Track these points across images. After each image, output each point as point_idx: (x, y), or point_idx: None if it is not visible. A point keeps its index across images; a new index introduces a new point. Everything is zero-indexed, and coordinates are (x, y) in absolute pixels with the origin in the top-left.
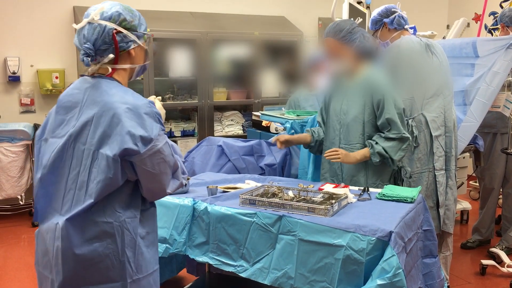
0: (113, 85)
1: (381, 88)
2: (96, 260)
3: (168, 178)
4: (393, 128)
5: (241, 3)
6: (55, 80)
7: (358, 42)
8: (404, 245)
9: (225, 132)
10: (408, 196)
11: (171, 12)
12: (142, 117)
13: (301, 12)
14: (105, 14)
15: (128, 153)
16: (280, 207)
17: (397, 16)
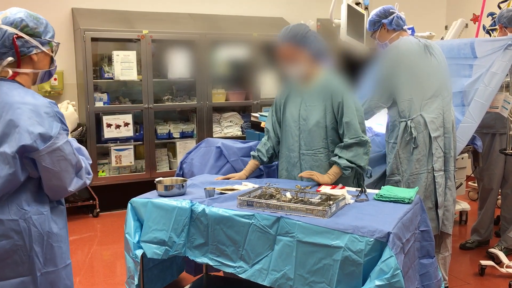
0: (14, 87)
1: (340, 91)
2: (4, 256)
3: (70, 177)
4: (351, 132)
5: (239, 5)
6: (54, 82)
7: (313, 45)
8: (402, 245)
9: (224, 133)
10: (405, 197)
11: (170, 14)
12: (41, 115)
13: (300, 14)
14: (7, 19)
15: (26, 149)
16: (278, 208)
17: (396, 16)
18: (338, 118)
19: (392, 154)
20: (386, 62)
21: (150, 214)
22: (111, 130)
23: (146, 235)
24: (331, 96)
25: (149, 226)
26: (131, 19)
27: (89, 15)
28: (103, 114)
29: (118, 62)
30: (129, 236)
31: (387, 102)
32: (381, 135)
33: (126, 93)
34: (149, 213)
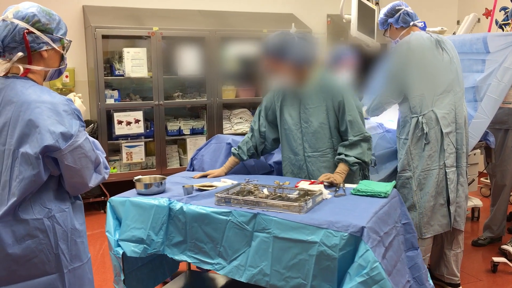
0: (28, 84)
1: (340, 90)
2: (31, 256)
3: (90, 173)
4: (354, 130)
5: (249, 1)
6: (65, 79)
7: (295, 53)
8: (381, 239)
9: (234, 130)
10: (381, 191)
11: (180, 11)
12: (60, 114)
13: (310, 9)
14: (19, 13)
15: (49, 149)
16: (255, 205)
17: (402, 13)
18: (339, 117)
19: (403, 150)
20: (397, 58)
21: (128, 213)
22: (122, 127)
23: (124, 234)
24: (331, 95)
25: (127, 224)
26: (142, 16)
27: (100, 13)
28: (114, 111)
29: (129, 59)
30: (110, 234)
31: (398, 98)
32: (392, 131)
33: (136, 90)
34: (127, 212)
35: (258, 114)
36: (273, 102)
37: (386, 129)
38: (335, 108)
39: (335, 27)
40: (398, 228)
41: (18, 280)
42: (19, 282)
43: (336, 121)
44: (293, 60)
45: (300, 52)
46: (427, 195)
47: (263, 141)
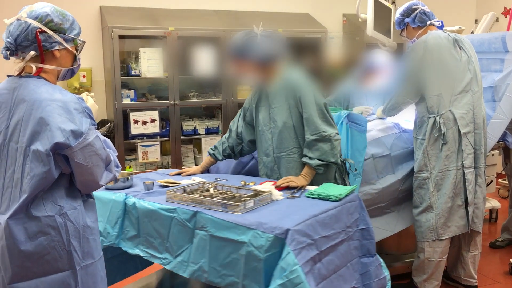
0: (41, 83)
1: (298, 87)
2: (43, 253)
3: (101, 171)
4: (311, 128)
5: (264, 1)
6: (82, 79)
7: (258, 52)
8: (314, 242)
9: None
10: (333, 195)
11: (196, 11)
12: (71, 112)
13: (325, 9)
14: (33, 13)
15: (59, 147)
16: (199, 203)
17: (419, 13)
18: (302, 114)
19: (420, 150)
20: (413, 57)
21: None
22: (138, 126)
23: None
24: (291, 93)
25: None
26: (158, 16)
27: (117, 13)
28: (130, 111)
29: (145, 59)
30: None
31: (415, 98)
32: (408, 131)
33: (152, 90)
34: None
35: (237, 116)
36: (250, 103)
37: (403, 129)
38: (297, 106)
39: (351, 27)
40: (351, 233)
41: (31, 277)
42: (32, 279)
43: (301, 120)
44: (256, 58)
45: (263, 51)
46: (445, 196)
47: (240, 142)
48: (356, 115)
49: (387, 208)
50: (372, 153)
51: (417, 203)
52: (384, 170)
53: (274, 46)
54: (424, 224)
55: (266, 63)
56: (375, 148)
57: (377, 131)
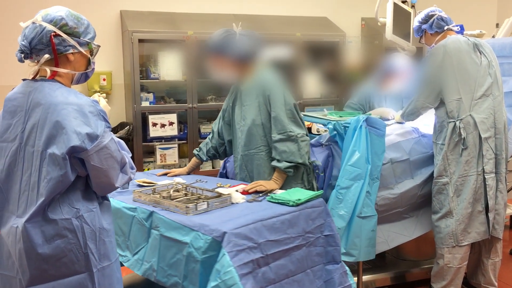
0: (56, 86)
1: (268, 86)
2: (60, 255)
3: (116, 173)
4: (278, 127)
5: (283, 5)
6: (102, 82)
7: (235, 50)
8: (257, 245)
9: None
10: (291, 200)
11: (214, 15)
12: (86, 115)
13: (344, 13)
14: (48, 16)
15: (75, 150)
16: (157, 203)
17: (436, 19)
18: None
19: (439, 155)
20: (433, 61)
21: None
22: (157, 129)
23: None
24: (261, 91)
25: None
26: (177, 20)
27: (137, 17)
28: (149, 114)
29: (164, 62)
30: None
31: (434, 102)
32: (427, 136)
33: (171, 93)
34: None
35: (218, 116)
36: (228, 102)
37: (422, 133)
38: (266, 104)
39: (370, 31)
40: (312, 238)
41: (49, 279)
42: (50, 281)
43: (269, 118)
44: (232, 56)
45: (240, 49)
46: (465, 202)
47: (222, 142)
48: (375, 119)
49: (406, 213)
50: (390, 158)
51: (436, 208)
52: (403, 175)
53: (251, 45)
54: (443, 230)
55: (242, 61)
56: (394, 153)
57: (396, 136)
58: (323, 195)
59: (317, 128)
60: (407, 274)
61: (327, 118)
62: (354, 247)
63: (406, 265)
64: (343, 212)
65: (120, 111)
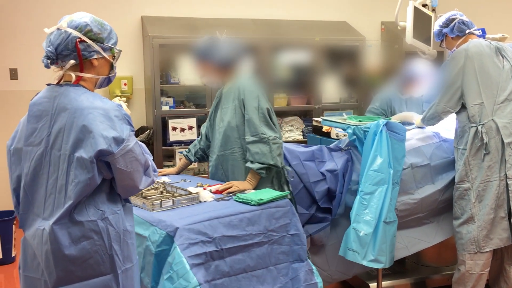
0: (81, 91)
1: (243, 89)
2: (87, 257)
3: (140, 176)
4: (251, 129)
5: (302, 9)
6: (123, 86)
7: (219, 56)
8: (212, 240)
9: (285, 137)
10: (253, 199)
11: (234, 20)
12: (112, 119)
13: (363, 17)
14: (73, 22)
15: (102, 154)
16: (133, 200)
17: (457, 22)
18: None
19: (461, 160)
20: (454, 65)
21: None
22: (176, 133)
23: None
24: (237, 94)
25: None
26: (197, 25)
27: (157, 23)
28: (169, 118)
29: (184, 67)
30: None
31: (456, 107)
32: (449, 140)
33: (190, 98)
34: None
35: (207, 119)
36: (213, 105)
37: (443, 138)
38: (241, 108)
39: (390, 34)
40: (275, 237)
41: (75, 281)
42: (76, 282)
43: (243, 121)
44: (216, 61)
45: (222, 54)
46: (487, 207)
47: (209, 144)
48: (395, 124)
49: (426, 219)
50: (411, 163)
51: (457, 214)
52: (423, 180)
53: (233, 51)
54: (465, 236)
55: (223, 66)
56: (414, 158)
57: (417, 140)
58: (343, 199)
59: (336, 133)
60: (427, 280)
61: (347, 123)
62: (382, 253)
63: (427, 271)
64: (369, 218)
65: (141, 116)
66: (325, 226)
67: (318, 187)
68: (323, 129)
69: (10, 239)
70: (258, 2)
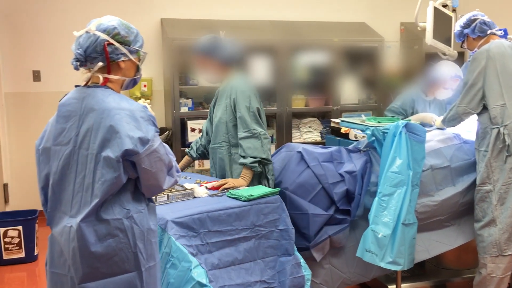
0: (108, 92)
1: (237, 90)
2: (112, 254)
3: (164, 176)
4: (243, 126)
5: (320, 10)
6: (143, 88)
7: (222, 54)
8: (197, 235)
9: (303, 139)
10: (243, 195)
11: (252, 21)
12: (138, 120)
13: (382, 18)
14: (101, 26)
15: (128, 153)
16: None
17: (478, 23)
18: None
19: (483, 162)
20: (475, 66)
21: None
22: (195, 134)
23: None
24: (229, 93)
25: None
26: (216, 27)
27: (177, 25)
28: (187, 119)
29: None
30: None
31: (477, 108)
32: (470, 142)
33: (209, 99)
34: None
35: (208, 118)
36: (212, 102)
37: (464, 140)
38: (232, 106)
39: (409, 35)
40: (263, 232)
41: (100, 277)
42: (101, 279)
43: (233, 118)
44: (219, 58)
45: (228, 52)
46: (509, 210)
47: (210, 140)
48: (414, 125)
49: (447, 222)
50: (431, 164)
51: (479, 216)
52: (444, 182)
53: (233, 50)
54: (486, 239)
55: (224, 64)
56: (434, 159)
57: (437, 142)
58: (362, 201)
59: (354, 134)
60: (447, 284)
61: (366, 124)
62: (400, 256)
63: (447, 274)
64: (387, 220)
65: (160, 117)
66: (344, 227)
67: (336, 189)
68: (341, 131)
69: (33, 238)
70: (276, 3)
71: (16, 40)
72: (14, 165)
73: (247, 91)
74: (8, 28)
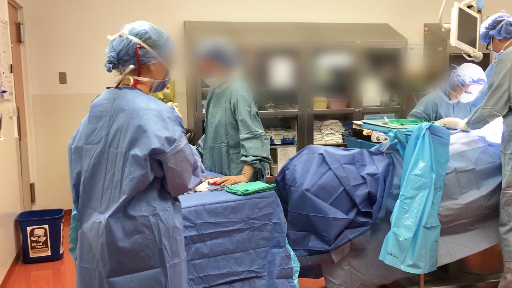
0: (137, 94)
1: (237, 95)
2: (138, 250)
3: (189, 175)
4: (245, 127)
5: (343, 12)
6: (166, 90)
7: (226, 58)
8: (194, 225)
9: (324, 141)
10: (239, 190)
11: (273, 24)
12: (165, 120)
13: (406, 19)
14: (134, 30)
15: (155, 152)
16: None
17: (504, 24)
18: (236, 117)
19: (508, 166)
20: (501, 68)
21: None
22: None
23: None
24: (229, 98)
25: None
26: (238, 29)
27: (199, 28)
28: None
29: None
30: None
31: (502, 110)
32: (495, 145)
33: None
34: None
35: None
36: (207, 102)
37: (489, 142)
38: (232, 109)
39: (433, 37)
40: (257, 224)
41: (127, 272)
42: (127, 274)
43: (232, 121)
44: (224, 62)
45: (230, 57)
46: None
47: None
48: (438, 127)
49: (471, 225)
50: (455, 167)
51: (504, 220)
52: (468, 185)
53: (234, 55)
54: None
55: (227, 67)
56: (458, 162)
57: (461, 145)
58: (384, 203)
59: (377, 136)
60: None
61: (388, 126)
62: (421, 259)
63: (471, 278)
64: (409, 223)
65: (182, 118)
66: (365, 230)
67: (358, 191)
68: (363, 133)
69: (58, 236)
70: (299, 6)
71: (43, 44)
72: (41, 165)
73: (248, 98)
74: (35, 32)
